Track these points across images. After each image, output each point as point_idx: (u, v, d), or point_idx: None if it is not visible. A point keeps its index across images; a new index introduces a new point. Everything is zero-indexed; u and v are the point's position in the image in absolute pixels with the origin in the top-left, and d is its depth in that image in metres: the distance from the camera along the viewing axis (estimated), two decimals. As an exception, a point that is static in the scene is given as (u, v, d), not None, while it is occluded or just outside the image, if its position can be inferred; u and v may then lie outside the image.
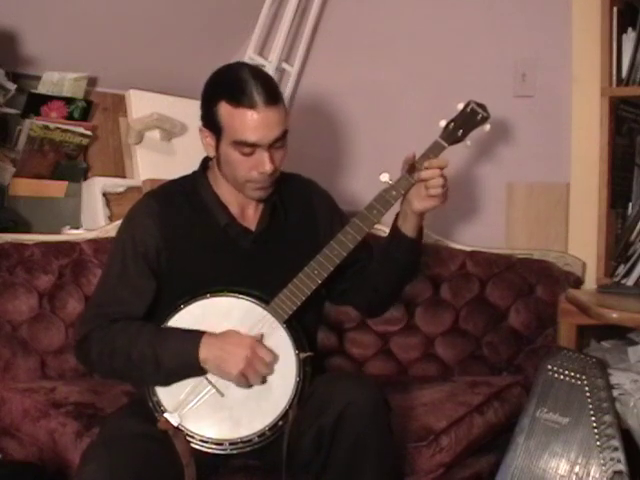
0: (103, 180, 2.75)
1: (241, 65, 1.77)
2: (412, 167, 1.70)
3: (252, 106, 1.63)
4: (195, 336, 1.62)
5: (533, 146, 2.59)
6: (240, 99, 1.64)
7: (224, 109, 1.66)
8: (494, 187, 2.66)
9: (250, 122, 1.64)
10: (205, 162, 1.83)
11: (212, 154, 1.75)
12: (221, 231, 1.77)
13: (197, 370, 1.62)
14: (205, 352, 1.60)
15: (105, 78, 2.81)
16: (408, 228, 1.75)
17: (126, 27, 2.71)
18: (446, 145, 1.73)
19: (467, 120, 1.74)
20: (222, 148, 1.70)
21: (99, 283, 1.81)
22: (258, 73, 1.71)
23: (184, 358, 1.61)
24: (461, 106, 1.76)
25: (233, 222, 1.78)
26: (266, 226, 1.80)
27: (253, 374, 1.60)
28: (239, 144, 1.66)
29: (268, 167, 1.68)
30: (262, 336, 1.65)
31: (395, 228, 1.78)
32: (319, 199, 1.91)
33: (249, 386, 1.62)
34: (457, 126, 1.74)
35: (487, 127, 1.77)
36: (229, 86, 1.67)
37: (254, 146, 1.66)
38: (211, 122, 1.70)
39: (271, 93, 1.66)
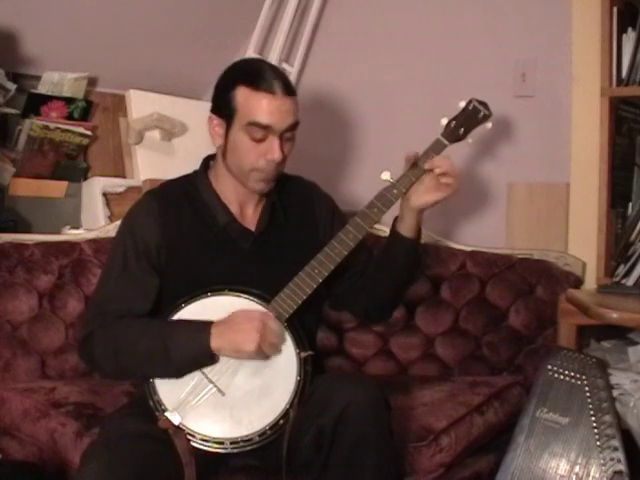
0: (103, 180, 2.75)
1: (260, 59, 1.81)
2: (414, 165, 1.71)
3: (271, 91, 1.67)
4: (204, 327, 1.62)
5: (533, 146, 2.59)
6: (260, 83, 1.68)
7: (242, 92, 1.69)
8: (494, 187, 2.65)
9: (267, 105, 1.67)
10: (206, 161, 1.84)
11: (219, 143, 1.76)
12: (221, 230, 1.77)
13: (209, 359, 1.62)
14: (218, 342, 1.60)
15: (105, 78, 2.82)
16: (405, 227, 1.76)
17: (126, 27, 2.71)
18: (447, 143, 1.73)
19: (469, 118, 1.74)
20: (232, 134, 1.71)
21: (99, 282, 1.81)
22: (276, 68, 1.78)
23: (196, 350, 1.61)
24: (463, 104, 1.76)
25: (233, 222, 1.78)
26: (265, 226, 1.80)
27: (269, 346, 1.61)
28: (252, 126, 1.67)
29: (277, 155, 1.68)
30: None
31: (393, 230, 1.79)
32: (320, 201, 1.91)
33: (266, 358, 1.63)
34: (459, 124, 1.74)
35: (489, 125, 1.77)
36: (249, 72, 1.72)
37: (267, 129, 1.67)
38: (224, 107, 1.71)
39: (289, 85, 1.72)
